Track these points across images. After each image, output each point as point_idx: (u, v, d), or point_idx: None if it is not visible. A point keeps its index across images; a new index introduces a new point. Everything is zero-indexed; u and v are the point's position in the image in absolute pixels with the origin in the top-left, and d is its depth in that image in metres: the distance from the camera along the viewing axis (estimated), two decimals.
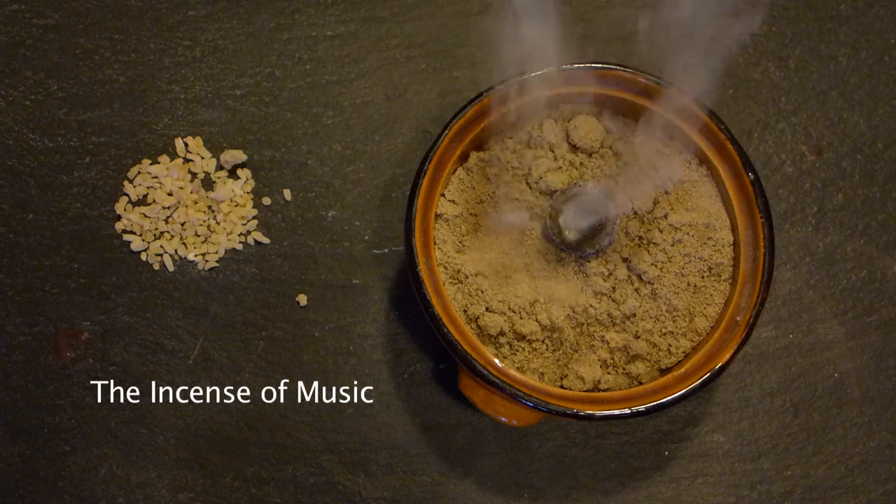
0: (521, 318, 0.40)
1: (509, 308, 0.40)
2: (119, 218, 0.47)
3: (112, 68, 0.49)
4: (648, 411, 0.38)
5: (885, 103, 0.49)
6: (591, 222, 0.39)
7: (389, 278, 0.46)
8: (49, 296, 0.46)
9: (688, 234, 0.41)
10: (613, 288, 0.40)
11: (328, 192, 0.47)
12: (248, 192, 0.47)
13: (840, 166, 0.49)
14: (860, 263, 0.47)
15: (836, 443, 0.45)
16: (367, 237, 0.47)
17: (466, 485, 0.44)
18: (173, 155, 0.48)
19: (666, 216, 0.41)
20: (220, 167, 0.48)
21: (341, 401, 0.45)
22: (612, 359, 0.40)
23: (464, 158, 0.42)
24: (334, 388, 0.45)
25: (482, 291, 0.40)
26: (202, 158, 0.48)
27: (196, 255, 0.46)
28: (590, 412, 0.37)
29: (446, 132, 0.40)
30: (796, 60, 0.50)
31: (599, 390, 0.40)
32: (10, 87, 0.48)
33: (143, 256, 0.46)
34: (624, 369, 0.40)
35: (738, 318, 0.39)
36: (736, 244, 0.41)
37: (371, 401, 0.45)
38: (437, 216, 0.41)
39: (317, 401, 0.45)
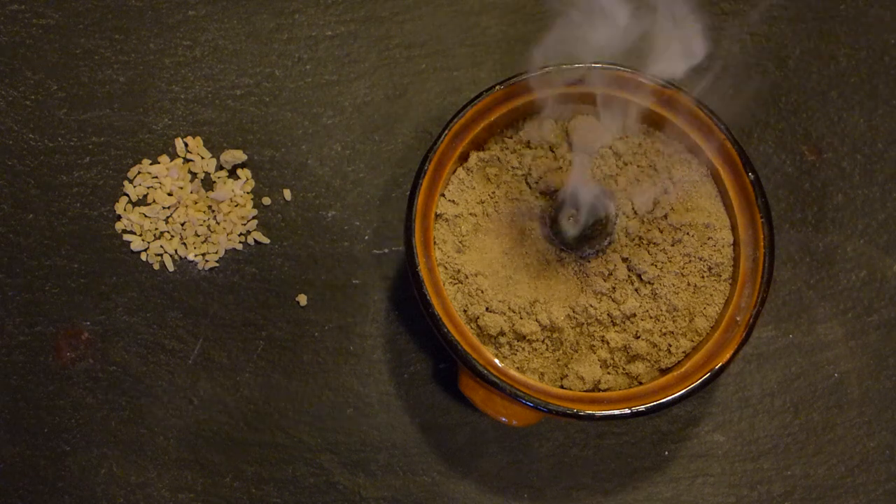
0: (521, 318, 0.40)
1: (509, 308, 0.40)
2: (119, 218, 0.47)
3: (112, 68, 0.49)
4: (648, 411, 0.38)
5: (885, 103, 0.49)
6: (590, 222, 0.39)
7: (389, 278, 0.46)
8: (49, 296, 0.46)
9: (688, 234, 0.41)
10: (613, 288, 0.40)
11: (328, 192, 0.47)
12: (248, 192, 0.47)
13: (840, 166, 0.49)
14: (860, 263, 0.47)
15: (836, 443, 0.45)
16: (367, 237, 0.47)
17: (466, 485, 0.45)
18: (173, 155, 0.48)
19: (666, 216, 0.41)
20: (220, 167, 0.48)
21: (341, 401, 0.45)
22: (612, 359, 0.40)
23: (464, 158, 0.42)
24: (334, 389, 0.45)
25: (482, 291, 0.40)
26: (202, 158, 0.48)
27: (196, 255, 0.46)
28: (590, 412, 0.37)
29: (446, 132, 0.40)
30: (796, 60, 0.50)
31: (599, 390, 0.40)
32: (10, 87, 0.48)
33: (143, 256, 0.46)
34: (624, 369, 0.40)
35: (738, 318, 0.39)
36: (736, 244, 0.41)
37: (371, 401, 0.45)
38: (437, 216, 0.41)
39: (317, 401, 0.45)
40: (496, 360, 0.39)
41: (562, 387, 0.40)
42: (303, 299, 0.46)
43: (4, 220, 0.46)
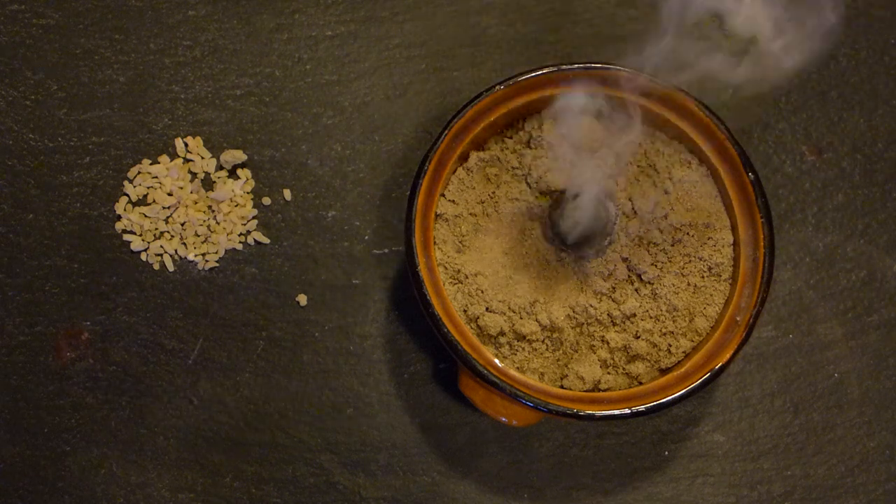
0: (521, 318, 0.40)
1: (509, 308, 0.40)
2: (119, 218, 0.47)
3: (112, 68, 0.49)
4: (648, 411, 0.38)
5: (885, 103, 0.49)
6: (590, 223, 0.39)
7: (389, 278, 0.46)
8: (49, 296, 0.46)
9: (688, 234, 0.41)
10: (613, 288, 0.40)
11: (328, 192, 0.47)
12: (248, 192, 0.47)
13: (840, 166, 0.49)
14: (860, 263, 0.47)
15: (836, 443, 0.45)
16: (367, 237, 0.47)
17: (466, 485, 0.45)
18: (173, 155, 0.48)
19: (666, 216, 0.41)
20: (220, 167, 0.48)
21: (341, 401, 0.45)
22: (612, 359, 0.40)
23: (464, 158, 0.42)
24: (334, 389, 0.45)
25: (482, 291, 0.40)
26: (202, 158, 0.48)
27: (196, 255, 0.46)
28: (590, 412, 0.37)
29: (446, 132, 0.40)
30: (797, 60, 0.50)
31: (599, 390, 0.40)
32: (10, 87, 0.48)
33: (143, 256, 0.46)
34: (624, 369, 0.40)
35: (738, 318, 0.39)
36: (736, 244, 0.41)
37: (371, 401, 0.45)
38: (437, 216, 0.41)
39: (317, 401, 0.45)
40: (496, 360, 0.39)
41: (562, 387, 0.40)
42: (303, 299, 0.46)
43: (4, 220, 0.46)
